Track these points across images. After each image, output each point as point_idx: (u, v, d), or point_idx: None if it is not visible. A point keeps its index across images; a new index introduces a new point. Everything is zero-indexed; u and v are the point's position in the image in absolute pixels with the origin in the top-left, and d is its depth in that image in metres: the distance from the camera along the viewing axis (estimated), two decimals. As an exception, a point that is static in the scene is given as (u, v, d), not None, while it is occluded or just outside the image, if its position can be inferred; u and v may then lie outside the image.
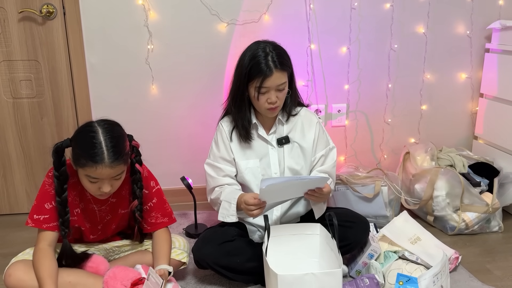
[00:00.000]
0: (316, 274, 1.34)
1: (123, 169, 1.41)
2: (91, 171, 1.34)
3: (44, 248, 1.43)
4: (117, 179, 1.42)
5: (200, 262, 1.64)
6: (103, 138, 1.35)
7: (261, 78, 1.57)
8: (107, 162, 1.34)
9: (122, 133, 1.44)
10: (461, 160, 2.24)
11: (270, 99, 1.60)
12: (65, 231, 1.46)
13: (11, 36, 2.09)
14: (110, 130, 1.39)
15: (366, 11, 2.28)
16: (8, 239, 2.08)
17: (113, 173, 1.37)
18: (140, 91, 2.24)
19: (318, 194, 1.57)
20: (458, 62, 2.45)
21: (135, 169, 1.51)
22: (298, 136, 1.74)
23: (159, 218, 1.60)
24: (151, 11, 2.13)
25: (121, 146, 1.39)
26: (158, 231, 1.60)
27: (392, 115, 2.47)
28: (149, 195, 1.59)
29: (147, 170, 1.60)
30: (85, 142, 1.36)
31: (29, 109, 2.20)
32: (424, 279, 1.49)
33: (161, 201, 1.61)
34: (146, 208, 1.59)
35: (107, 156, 1.34)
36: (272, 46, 1.63)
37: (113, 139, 1.37)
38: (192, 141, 2.34)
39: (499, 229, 2.13)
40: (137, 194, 1.53)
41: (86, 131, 1.38)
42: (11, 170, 2.28)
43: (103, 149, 1.34)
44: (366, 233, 1.72)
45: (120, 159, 1.37)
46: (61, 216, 1.45)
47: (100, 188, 1.39)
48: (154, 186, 1.60)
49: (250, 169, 1.70)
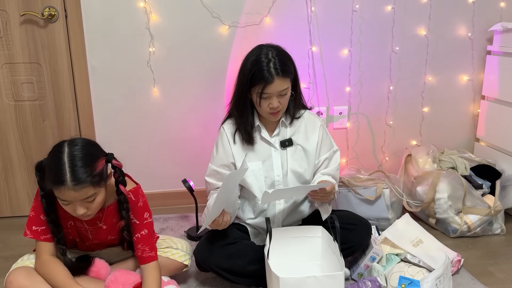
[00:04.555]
0: (318, 277, 1.34)
1: (91, 191, 1.30)
2: (58, 192, 1.29)
3: (48, 259, 1.43)
4: (90, 202, 1.33)
5: (201, 264, 1.64)
6: (68, 159, 1.28)
7: (262, 85, 1.57)
8: (70, 185, 1.26)
9: (92, 153, 1.34)
10: (463, 162, 2.23)
11: (272, 104, 1.59)
12: (62, 248, 1.45)
13: (13, 39, 2.10)
14: (78, 150, 1.30)
15: (367, 14, 2.28)
16: (10, 241, 2.08)
17: (79, 196, 1.29)
18: (142, 93, 2.24)
19: (322, 193, 1.58)
20: (459, 64, 2.45)
21: (119, 191, 1.42)
22: (301, 139, 1.73)
23: (146, 251, 1.49)
24: (152, 13, 2.14)
25: (86, 168, 1.29)
26: (148, 268, 1.48)
27: (393, 117, 2.47)
28: (140, 226, 1.49)
29: (144, 200, 1.51)
30: (52, 163, 1.30)
31: (31, 112, 2.21)
32: (427, 282, 1.49)
33: (150, 234, 1.51)
34: (134, 239, 1.50)
35: (70, 178, 1.25)
36: (276, 51, 1.61)
37: (78, 160, 1.28)
38: (194, 144, 2.34)
39: (501, 232, 2.13)
40: (123, 215, 1.45)
41: (54, 151, 1.32)
42: (12, 172, 2.28)
43: (65, 171, 1.26)
44: (368, 235, 1.71)
45: (84, 182, 1.27)
46: (54, 234, 1.43)
47: (75, 210, 1.32)
48: (147, 218, 1.50)
49: (252, 172, 1.70)
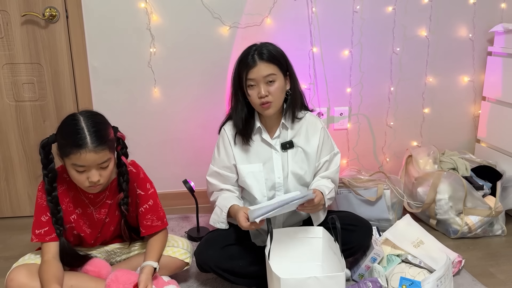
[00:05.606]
0: (319, 278, 1.34)
1: (108, 155, 1.39)
2: (76, 158, 1.34)
3: (49, 260, 1.45)
4: (104, 168, 1.40)
5: (202, 265, 1.63)
6: (85, 124, 1.36)
7: (245, 71, 1.60)
8: (91, 147, 1.33)
9: (104, 121, 1.44)
10: (464, 163, 2.23)
11: (260, 93, 1.60)
12: (60, 229, 1.47)
13: (14, 39, 2.10)
14: (92, 117, 1.40)
15: (368, 15, 2.29)
16: (10, 242, 2.08)
17: (98, 159, 1.36)
18: (142, 94, 2.24)
19: (310, 206, 1.57)
20: (460, 65, 2.45)
21: (121, 162, 1.50)
22: (302, 141, 1.73)
23: (154, 221, 1.59)
24: (153, 14, 2.14)
25: (103, 132, 1.39)
26: (156, 237, 1.59)
27: (394, 118, 2.47)
28: (145, 196, 1.58)
29: (143, 172, 1.60)
30: (68, 130, 1.37)
31: (32, 112, 2.21)
32: (428, 283, 1.49)
33: (156, 204, 1.60)
34: (142, 210, 1.58)
35: (90, 141, 1.33)
36: (262, 43, 1.65)
37: (95, 124, 1.37)
38: (194, 144, 2.34)
39: (502, 233, 2.12)
40: (123, 187, 1.52)
41: (69, 120, 1.39)
42: (13, 173, 2.28)
43: (85, 134, 1.34)
44: (369, 236, 1.71)
45: (104, 144, 1.36)
46: (53, 214, 1.46)
47: (88, 178, 1.38)
48: (150, 188, 1.59)
49: (253, 174, 1.70)
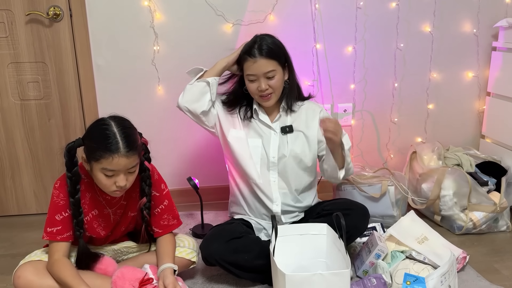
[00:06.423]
0: (324, 275, 1.34)
1: (137, 160, 1.42)
2: (107, 162, 1.35)
3: (60, 259, 1.45)
4: (132, 173, 1.43)
5: (207, 258, 1.64)
6: (116, 130, 1.38)
7: (246, 65, 1.64)
8: (123, 152, 1.36)
9: (133, 126, 1.47)
10: (468, 159, 2.23)
11: (260, 87, 1.64)
12: (80, 231, 1.48)
13: (18, 38, 2.11)
14: (122, 122, 1.43)
15: (371, 11, 2.28)
16: (17, 239, 2.10)
17: (129, 164, 1.39)
18: (147, 92, 2.25)
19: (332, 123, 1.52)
20: (464, 61, 2.44)
21: (144, 167, 1.52)
22: (302, 126, 1.76)
23: (170, 220, 1.62)
24: (157, 12, 2.14)
25: (134, 137, 1.42)
26: (169, 236, 1.62)
27: (398, 114, 2.46)
28: (160, 197, 1.60)
29: (157, 172, 1.62)
30: (99, 135, 1.38)
31: (37, 111, 2.22)
32: (432, 279, 1.49)
33: (171, 203, 1.63)
34: (158, 211, 1.60)
35: (122, 146, 1.36)
36: (263, 36, 1.67)
37: (126, 129, 1.40)
38: (198, 142, 2.35)
39: (507, 229, 2.12)
40: (146, 191, 1.54)
41: (99, 125, 1.41)
42: (19, 171, 2.29)
43: (117, 139, 1.36)
44: (365, 219, 1.71)
45: (135, 150, 1.39)
46: (75, 216, 1.46)
47: (116, 183, 1.40)
48: (164, 188, 1.62)
49: (249, 148, 1.73)
